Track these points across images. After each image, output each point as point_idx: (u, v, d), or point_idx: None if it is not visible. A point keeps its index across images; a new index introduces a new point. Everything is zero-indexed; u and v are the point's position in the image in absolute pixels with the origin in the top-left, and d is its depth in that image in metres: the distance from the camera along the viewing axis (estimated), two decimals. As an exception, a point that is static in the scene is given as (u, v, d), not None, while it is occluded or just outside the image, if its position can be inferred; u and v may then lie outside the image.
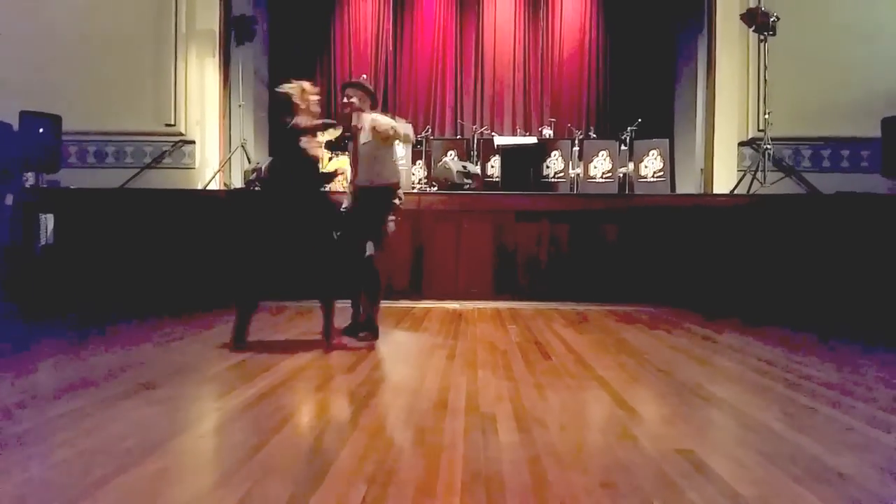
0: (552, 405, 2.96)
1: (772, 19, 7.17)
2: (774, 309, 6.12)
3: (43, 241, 6.93)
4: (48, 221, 6.97)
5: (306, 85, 4.30)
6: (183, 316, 5.47)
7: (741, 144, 7.81)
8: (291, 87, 4.26)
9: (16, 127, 6.90)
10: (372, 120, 4.46)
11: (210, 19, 8.12)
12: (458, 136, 9.84)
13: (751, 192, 7.02)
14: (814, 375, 3.54)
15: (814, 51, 7.62)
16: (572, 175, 8.25)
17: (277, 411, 2.81)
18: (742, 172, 7.47)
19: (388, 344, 4.38)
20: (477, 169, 7.99)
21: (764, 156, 7.16)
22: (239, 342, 4.17)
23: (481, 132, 9.13)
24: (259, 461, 2.19)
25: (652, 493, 1.96)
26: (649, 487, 2.01)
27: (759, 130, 7.48)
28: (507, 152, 8.07)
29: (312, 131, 4.26)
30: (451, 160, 7.69)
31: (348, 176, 7.36)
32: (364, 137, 4.48)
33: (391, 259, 6.62)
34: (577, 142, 8.52)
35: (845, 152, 7.72)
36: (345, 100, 4.56)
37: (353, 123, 4.57)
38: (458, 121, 10.37)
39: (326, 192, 4.85)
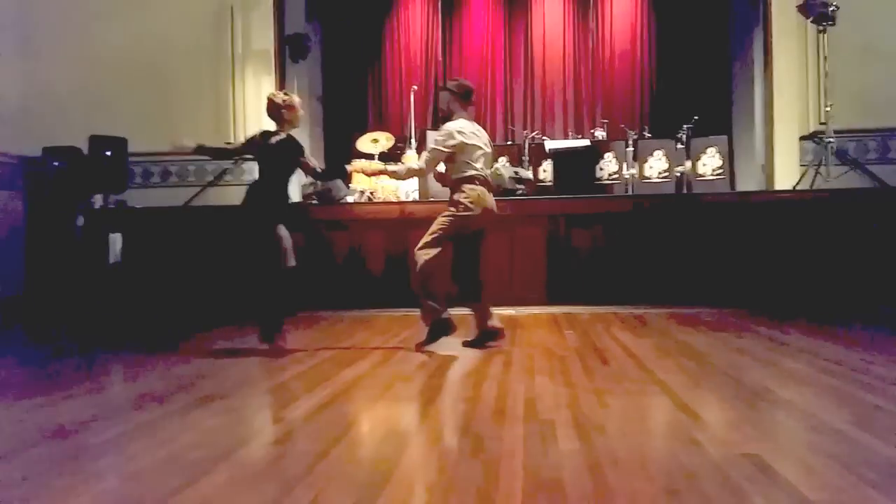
0: (612, 411, 2.93)
1: (830, 9, 6.94)
2: (843, 308, 5.89)
3: (112, 260, 7.22)
4: (116, 240, 7.26)
5: (297, 100, 4.64)
6: (245, 328, 5.61)
7: (802, 139, 7.57)
8: (288, 98, 4.62)
9: (85, 151, 7.23)
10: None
11: (265, 38, 8.34)
12: (509, 142, 9.83)
13: (814, 187, 6.79)
14: (886, 376, 3.40)
15: (875, 40, 7.33)
16: (627, 176, 8.14)
17: (339, 420, 2.87)
18: (804, 167, 7.23)
19: (445, 352, 4.40)
20: (529, 174, 7.96)
21: (827, 149, 6.93)
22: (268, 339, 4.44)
23: (532, 137, 9.10)
24: (322, 470, 2.24)
25: (717, 499, 1.92)
26: (714, 493, 1.97)
27: (820, 124, 7.23)
28: (558, 156, 8.02)
29: (307, 163, 4.63)
30: (503, 166, 7.68)
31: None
32: None
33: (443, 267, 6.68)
34: (630, 142, 8.40)
35: (913, 143, 7.41)
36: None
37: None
38: (509, 126, 10.36)
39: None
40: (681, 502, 1.92)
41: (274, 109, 4.60)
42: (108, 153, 7.27)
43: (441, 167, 4.63)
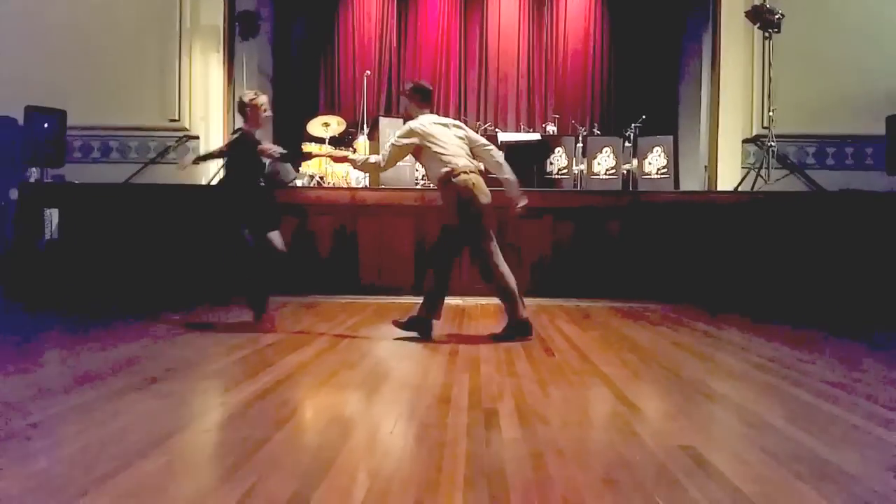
0: (555, 401, 2.97)
1: (776, 17, 7.16)
2: (778, 306, 6.12)
3: (47, 236, 6.96)
4: (53, 216, 7.00)
5: (264, 100, 4.73)
6: (185, 311, 5.49)
7: (745, 141, 7.81)
8: (254, 98, 4.71)
9: (20, 121, 6.93)
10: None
11: (214, 15, 8.14)
12: (461, 133, 9.83)
13: (755, 189, 7.01)
14: (817, 373, 3.54)
15: (818, 48, 7.61)
16: (576, 172, 8.26)
17: (281, 406, 2.83)
18: (746, 170, 7.46)
19: (391, 340, 4.39)
20: (481, 166, 7.97)
21: (768, 153, 7.15)
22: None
23: (485, 129, 9.14)
24: (263, 456, 2.20)
25: (653, 490, 1.97)
26: (651, 484, 2.02)
27: (763, 128, 7.48)
28: (510, 149, 8.06)
29: (264, 151, 4.69)
30: (455, 156, 7.67)
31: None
32: None
33: (393, 256, 6.65)
34: (580, 138, 8.51)
35: (850, 150, 7.71)
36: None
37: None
38: (462, 117, 10.37)
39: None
40: (618, 492, 1.96)
41: (240, 107, 4.74)
42: (46, 125, 6.98)
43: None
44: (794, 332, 5.00)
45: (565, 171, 8.21)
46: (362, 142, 8.31)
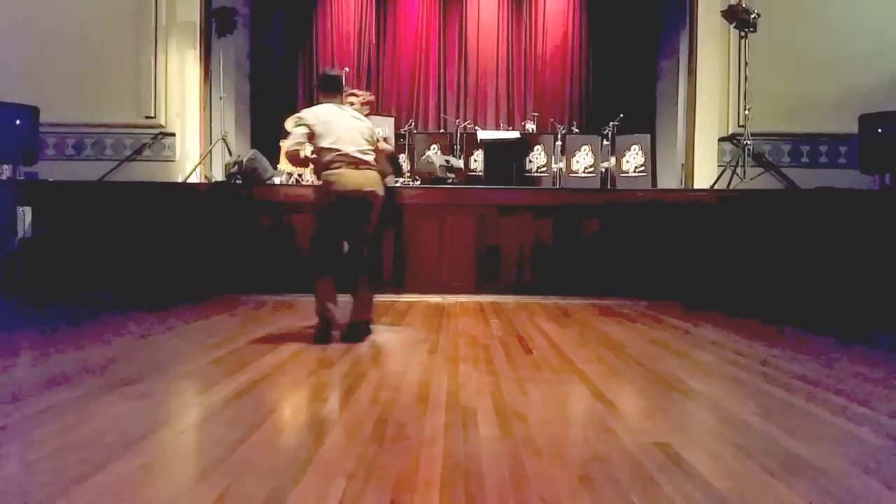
0: (532, 399, 2.98)
1: (752, 16, 7.23)
2: (753, 303, 6.19)
3: (21, 235, 6.85)
4: (26, 214, 6.89)
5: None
6: (161, 309, 5.44)
7: (721, 140, 7.88)
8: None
9: (-8, 118, 6.81)
10: None
11: (191, 11, 8.04)
12: (441, 130, 9.85)
13: (730, 187, 7.09)
14: (790, 369, 3.59)
15: (793, 48, 7.70)
16: (555, 169, 8.29)
17: (258, 407, 2.81)
18: (722, 168, 7.53)
19: (370, 339, 4.38)
20: (460, 163, 8.00)
21: (744, 151, 7.24)
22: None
23: (464, 126, 9.15)
24: (239, 457, 2.19)
25: (628, 487, 1.99)
26: (626, 481, 2.04)
27: (739, 126, 7.55)
28: (490, 146, 8.09)
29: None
30: (434, 154, 7.69)
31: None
32: None
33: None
34: (559, 136, 8.55)
35: (824, 148, 7.81)
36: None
37: None
38: (442, 115, 10.37)
39: None
40: (594, 489, 1.97)
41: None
42: (18, 122, 6.87)
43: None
44: (769, 328, 5.07)
45: (544, 168, 8.24)
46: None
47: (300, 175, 7.68)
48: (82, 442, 2.31)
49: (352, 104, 4.77)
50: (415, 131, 9.23)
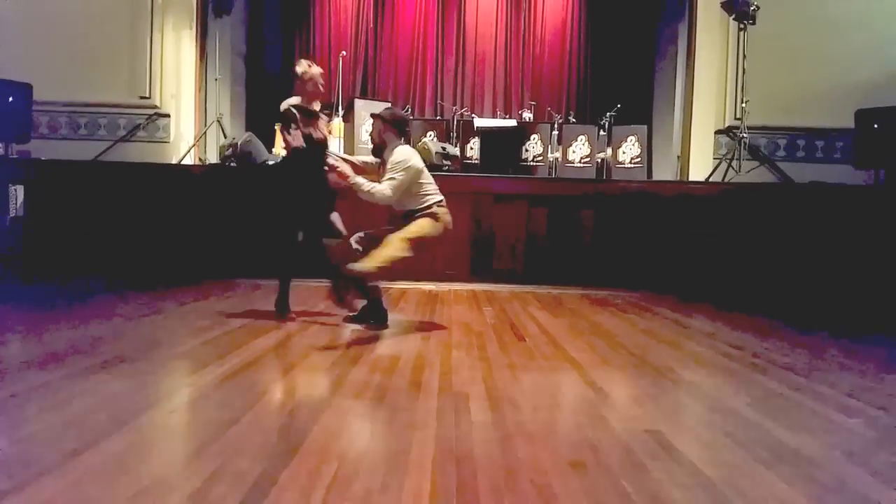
0: (524, 386, 2.99)
1: (752, 8, 7.21)
2: (745, 295, 6.21)
3: (12, 213, 6.80)
4: (18, 193, 6.84)
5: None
6: (154, 291, 5.42)
7: (718, 132, 7.87)
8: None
9: (-16, 95, 6.74)
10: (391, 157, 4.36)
11: (187, -10, 7.96)
12: (437, 117, 9.80)
13: (726, 179, 7.09)
14: (781, 361, 3.61)
15: (792, 41, 7.68)
16: (551, 159, 8.26)
17: (250, 388, 2.81)
18: (718, 160, 7.53)
19: (363, 325, 4.37)
20: (456, 150, 7.96)
21: (740, 144, 7.23)
22: (284, 311, 4.39)
23: (461, 113, 9.10)
24: (231, 437, 2.19)
25: (619, 473, 2.00)
26: (617, 467, 2.05)
27: (735, 119, 7.54)
28: (486, 134, 8.06)
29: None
30: (431, 141, 7.65)
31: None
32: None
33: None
34: (556, 126, 8.52)
35: (820, 143, 7.82)
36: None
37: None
38: (439, 101, 10.31)
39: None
40: (585, 474, 1.98)
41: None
42: (11, 99, 6.80)
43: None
44: (761, 320, 5.09)
45: (540, 158, 8.21)
46: (337, 123, 8.23)
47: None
48: (72, 420, 2.31)
49: None
50: (411, 118, 9.19)
